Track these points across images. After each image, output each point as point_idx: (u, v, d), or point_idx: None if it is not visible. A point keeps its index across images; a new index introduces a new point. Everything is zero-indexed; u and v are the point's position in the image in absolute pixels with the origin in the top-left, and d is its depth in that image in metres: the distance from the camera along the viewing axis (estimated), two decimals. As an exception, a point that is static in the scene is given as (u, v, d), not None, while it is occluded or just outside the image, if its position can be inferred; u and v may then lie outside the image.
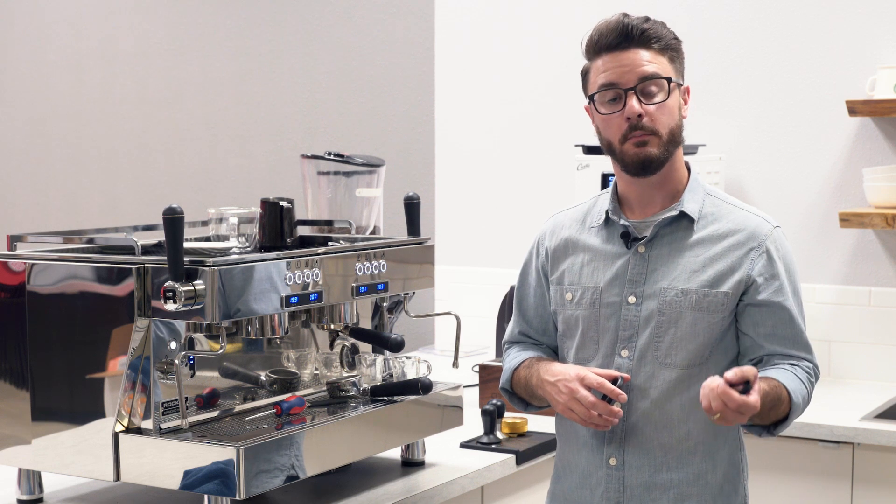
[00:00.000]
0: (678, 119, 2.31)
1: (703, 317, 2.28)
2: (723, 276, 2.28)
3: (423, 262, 2.84)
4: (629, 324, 2.32)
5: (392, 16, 4.71)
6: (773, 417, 2.26)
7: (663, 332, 2.29)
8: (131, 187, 5.37)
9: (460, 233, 4.60)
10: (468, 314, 3.86)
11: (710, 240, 2.31)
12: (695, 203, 2.33)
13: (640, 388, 2.30)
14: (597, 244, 2.38)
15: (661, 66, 2.27)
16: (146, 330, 2.40)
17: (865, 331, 3.95)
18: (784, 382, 2.24)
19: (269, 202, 2.73)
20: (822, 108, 3.99)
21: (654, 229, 2.32)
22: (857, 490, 3.40)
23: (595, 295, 2.35)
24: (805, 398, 2.29)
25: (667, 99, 2.27)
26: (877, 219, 3.73)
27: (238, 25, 5.06)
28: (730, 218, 2.33)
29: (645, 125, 2.25)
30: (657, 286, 2.30)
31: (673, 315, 2.29)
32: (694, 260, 2.30)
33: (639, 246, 2.33)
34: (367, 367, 2.80)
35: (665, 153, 2.28)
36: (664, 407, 2.29)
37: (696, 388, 2.25)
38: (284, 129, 4.96)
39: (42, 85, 5.58)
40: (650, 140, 2.26)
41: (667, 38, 2.30)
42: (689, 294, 2.28)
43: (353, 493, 2.63)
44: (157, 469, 2.37)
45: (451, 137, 4.62)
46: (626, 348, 2.31)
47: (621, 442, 2.32)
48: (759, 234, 2.31)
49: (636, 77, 2.25)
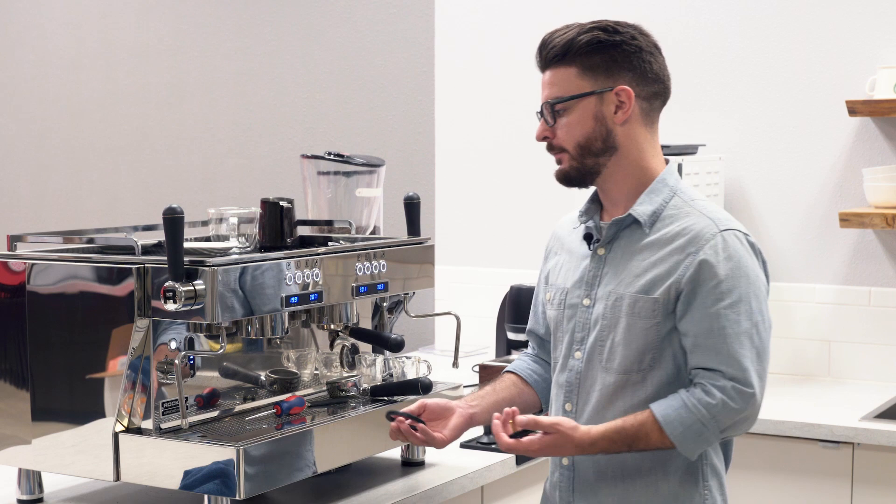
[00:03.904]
0: (591, 130, 2.27)
1: (635, 322, 2.24)
2: (657, 281, 2.23)
3: (423, 262, 2.84)
4: (583, 326, 2.32)
5: (392, 16, 4.71)
6: (642, 448, 2.22)
7: (605, 337, 2.28)
8: (131, 187, 5.37)
9: (460, 233, 4.60)
10: (468, 314, 3.86)
11: (659, 243, 2.26)
12: (650, 205, 2.29)
13: (587, 392, 2.31)
14: (574, 246, 2.40)
15: (566, 84, 2.29)
16: (146, 330, 2.40)
17: (865, 331, 3.95)
18: (656, 413, 2.19)
19: (269, 202, 2.73)
20: (822, 108, 3.99)
21: (609, 232, 2.32)
22: (857, 490, 3.40)
23: (562, 296, 2.37)
24: (695, 423, 2.18)
25: (565, 118, 2.29)
26: (877, 219, 3.73)
27: (238, 25, 5.06)
28: (682, 220, 2.26)
29: (553, 144, 2.33)
30: (606, 289, 2.29)
31: (613, 319, 2.27)
32: (640, 264, 2.27)
33: (598, 248, 2.33)
34: (367, 367, 2.80)
35: (580, 167, 2.30)
36: (605, 412, 2.28)
37: (637, 395, 2.25)
38: (284, 129, 4.96)
39: (42, 85, 5.58)
40: (562, 158, 2.32)
41: (576, 47, 2.28)
42: (625, 299, 2.25)
43: (353, 493, 2.63)
44: (157, 469, 2.37)
45: (451, 137, 4.62)
46: (579, 350, 2.32)
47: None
48: (701, 238, 2.21)
49: (543, 100, 2.35)
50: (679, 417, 2.19)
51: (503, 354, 3.87)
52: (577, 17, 4.63)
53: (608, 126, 2.28)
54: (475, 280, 4.54)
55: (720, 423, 2.19)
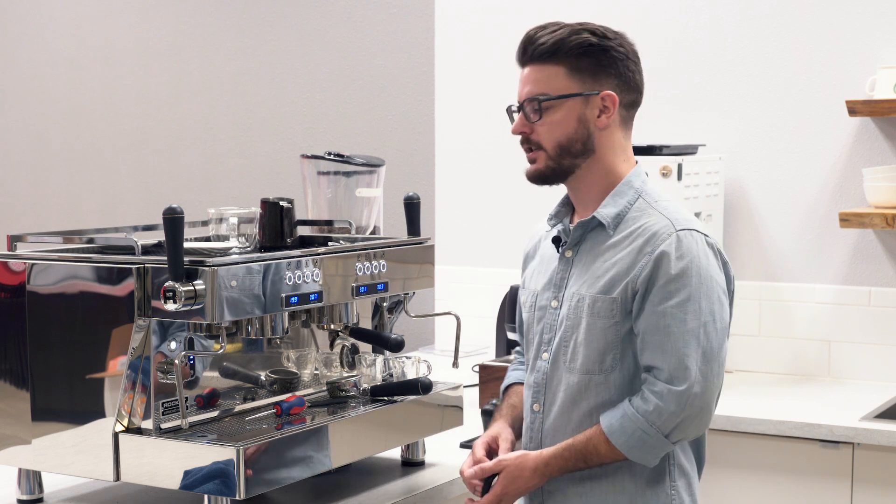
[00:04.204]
0: (573, 132, 2.27)
1: (595, 322, 2.26)
2: (615, 281, 2.24)
3: (423, 262, 2.84)
4: (549, 327, 2.35)
5: (392, 16, 4.72)
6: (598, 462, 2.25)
7: (569, 337, 2.30)
8: (131, 187, 5.37)
9: (460, 233, 4.60)
10: (468, 314, 3.86)
11: (620, 245, 2.27)
12: (614, 207, 2.29)
13: (552, 393, 2.34)
14: (546, 249, 2.43)
15: (552, 82, 2.27)
16: (146, 330, 2.40)
17: (865, 331, 3.95)
18: (602, 425, 2.23)
19: (269, 202, 2.73)
20: (822, 108, 3.99)
21: (575, 234, 2.33)
22: (857, 490, 3.40)
23: (533, 298, 2.40)
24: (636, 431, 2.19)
25: (548, 116, 2.27)
26: (877, 219, 3.73)
27: (238, 25, 5.06)
28: (643, 221, 2.27)
29: (531, 140, 2.30)
30: (570, 290, 2.32)
31: (576, 320, 2.29)
32: (602, 265, 2.28)
33: (566, 250, 2.35)
34: (367, 367, 2.80)
35: (556, 167, 2.30)
36: (569, 412, 2.30)
37: (601, 395, 2.27)
38: (284, 129, 4.96)
39: (42, 85, 5.58)
40: (537, 156, 2.31)
41: (567, 47, 2.28)
42: (586, 299, 2.27)
43: (353, 493, 2.63)
44: (157, 469, 2.37)
45: (451, 137, 4.62)
46: (546, 351, 2.35)
47: (538, 444, 2.36)
48: (657, 238, 2.22)
49: (523, 97, 2.31)
50: (621, 427, 2.22)
51: (503, 354, 3.87)
52: (577, 18, 4.62)
53: (589, 129, 2.28)
54: (475, 280, 4.54)
55: (661, 428, 2.20)
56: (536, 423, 2.37)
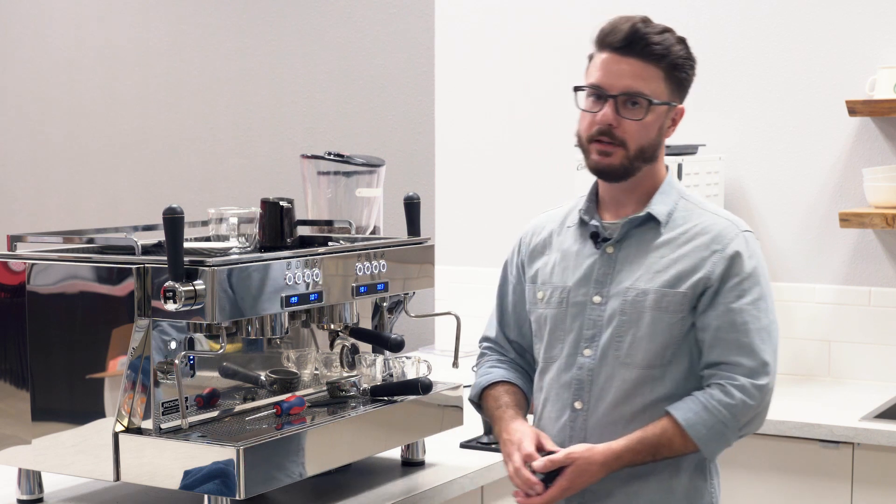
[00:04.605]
0: (654, 138, 2.30)
1: (661, 317, 2.27)
2: (683, 276, 2.27)
3: (423, 262, 2.84)
4: (593, 323, 2.33)
5: (392, 16, 4.71)
6: (666, 455, 2.25)
7: (624, 332, 2.29)
8: (131, 187, 5.37)
9: (460, 233, 4.60)
10: (468, 314, 3.84)
11: (676, 241, 2.31)
12: (664, 206, 2.34)
13: (601, 389, 2.31)
14: (570, 244, 2.41)
15: (651, 84, 2.27)
16: (146, 330, 2.40)
17: (865, 331, 3.95)
18: (679, 419, 2.23)
19: (269, 202, 2.73)
20: (822, 108, 3.99)
21: (622, 230, 2.34)
22: (857, 490, 3.40)
23: (563, 294, 2.37)
24: (717, 424, 2.23)
25: (645, 117, 2.26)
26: (877, 219, 3.73)
27: (238, 25, 5.06)
28: (698, 220, 2.33)
29: (614, 134, 2.27)
30: (621, 286, 2.31)
31: (634, 315, 2.29)
32: (658, 261, 2.30)
33: (607, 247, 2.35)
34: (367, 367, 2.80)
35: (629, 167, 2.29)
36: (622, 408, 2.29)
37: (656, 391, 2.28)
38: (284, 129, 4.96)
39: (42, 85, 5.58)
40: (615, 152, 2.28)
41: (673, 56, 2.29)
42: (650, 293, 2.28)
43: (353, 493, 2.63)
44: (157, 469, 2.37)
45: (451, 137, 4.62)
46: (588, 348, 2.33)
47: (582, 442, 2.31)
48: (724, 237, 2.29)
49: (620, 88, 2.26)
50: (701, 420, 2.23)
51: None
52: (578, 18, 4.60)
53: (661, 138, 2.33)
54: (475, 280, 4.54)
55: (739, 421, 2.25)
56: (579, 420, 2.33)
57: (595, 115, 2.28)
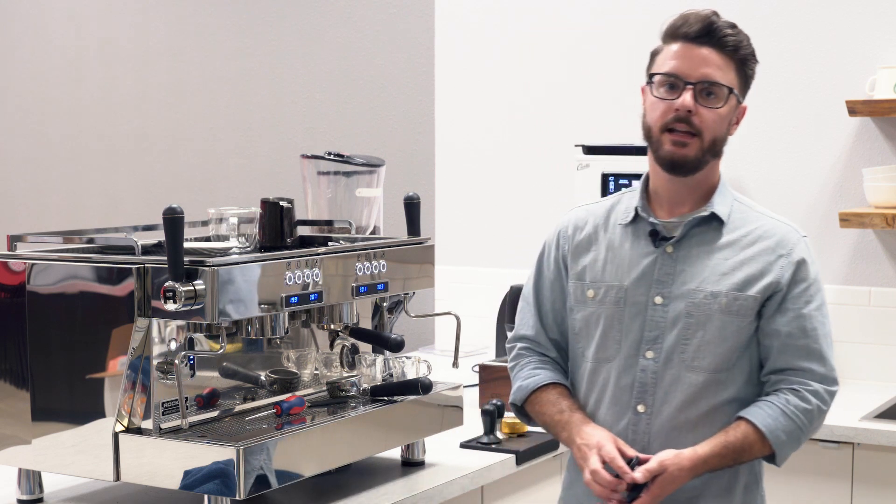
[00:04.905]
0: (725, 132, 2.29)
1: (731, 320, 2.25)
2: (752, 279, 2.26)
3: (423, 262, 2.84)
4: (655, 324, 2.28)
5: (392, 16, 4.71)
6: (745, 461, 2.26)
7: (691, 335, 2.26)
8: (131, 187, 5.37)
9: (460, 233, 4.60)
10: (468, 314, 3.85)
11: (740, 243, 2.29)
12: (724, 206, 2.31)
13: (666, 392, 2.27)
14: (623, 241, 2.34)
15: (728, 74, 2.26)
16: (146, 330, 2.40)
17: (865, 331, 3.95)
18: (759, 425, 2.23)
19: (269, 202, 2.73)
20: (822, 108, 3.99)
21: (684, 229, 2.29)
22: (857, 490, 3.40)
23: (620, 293, 2.31)
24: (795, 430, 2.25)
25: (722, 108, 2.25)
26: (877, 219, 3.73)
27: (238, 25, 5.06)
28: (758, 223, 2.32)
29: (692, 122, 2.23)
30: (686, 287, 2.27)
31: (701, 318, 2.25)
32: (724, 262, 2.27)
33: (667, 245, 2.30)
34: (367, 367, 2.80)
35: (702, 159, 2.26)
36: (687, 412, 2.26)
37: (720, 395, 2.26)
38: (284, 129, 4.96)
39: (42, 85, 5.58)
40: (690, 142, 2.24)
41: (745, 51, 2.29)
42: (719, 297, 2.25)
43: (353, 493, 2.63)
44: (157, 469, 2.37)
45: (451, 137, 4.62)
46: (651, 350, 2.28)
47: (645, 446, 2.27)
48: (789, 242, 2.29)
49: (700, 75, 2.24)
50: (781, 426, 2.24)
51: (503, 354, 3.87)
52: (578, 18, 4.60)
53: (728, 133, 2.31)
54: (475, 280, 4.54)
55: (812, 427, 2.27)
56: (641, 424, 2.28)
57: (671, 102, 2.23)
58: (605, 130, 4.22)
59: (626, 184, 3.89)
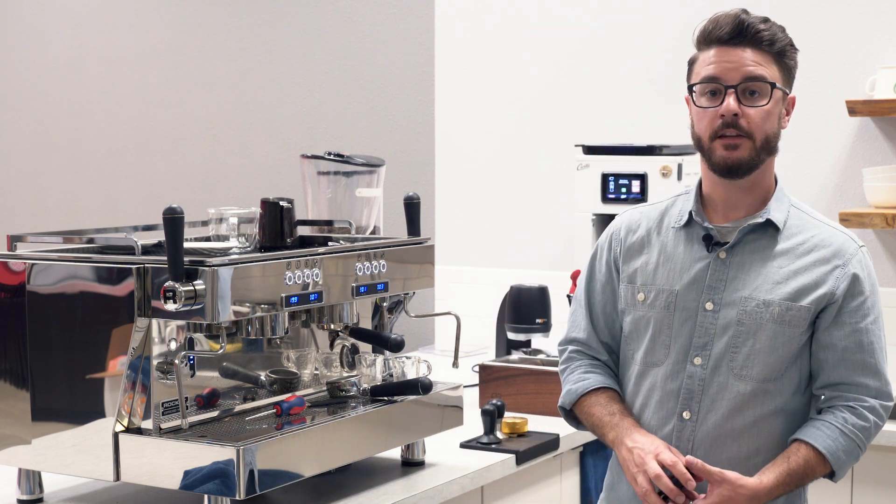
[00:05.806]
0: (776, 127, 2.26)
1: (783, 331, 2.22)
2: (806, 290, 2.22)
3: (423, 262, 2.84)
4: (705, 331, 2.25)
5: (392, 16, 4.72)
6: (807, 483, 2.27)
7: (741, 343, 2.23)
8: (131, 187, 5.37)
9: (460, 233, 4.60)
10: (468, 314, 3.85)
11: (795, 252, 2.25)
12: (780, 213, 2.28)
13: (712, 400, 2.24)
14: (675, 245, 2.31)
15: (768, 69, 2.22)
16: (146, 330, 2.40)
17: (865, 331, 3.94)
18: (820, 448, 2.21)
19: (269, 202, 2.73)
20: (822, 108, 3.99)
21: (739, 235, 2.26)
22: (857, 490, 3.39)
23: (671, 298, 2.28)
24: (854, 449, 2.24)
25: (768, 104, 2.21)
26: (877, 219, 3.73)
27: (238, 25, 5.06)
28: (815, 232, 2.27)
29: (740, 126, 2.20)
30: (738, 294, 2.23)
31: (752, 326, 2.22)
32: (777, 271, 2.23)
33: (720, 251, 2.26)
34: (367, 367, 2.80)
35: (756, 159, 2.23)
36: (733, 421, 2.23)
37: (767, 405, 2.23)
38: (284, 129, 4.96)
39: (42, 85, 5.58)
40: (741, 144, 2.21)
41: (781, 42, 2.25)
42: (772, 306, 2.22)
43: (353, 493, 2.63)
44: (157, 469, 2.37)
45: (451, 137, 4.62)
46: (699, 356, 2.25)
47: (687, 454, 2.23)
48: (846, 252, 2.25)
49: (740, 76, 2.20)
50: (841, 447, 2.22)
51: (503, 354, 3.87)
52: (578, 18, 4.60)
53: (780, 127, 2.28)
54: (475, 280, 4.54)
55: (868, 443, 2.26)
56: (686, 431, 2.26)
57: (716, 109, 2.20)
58: (605, 130, 4.22)
59: (626, 184, 3.89)
